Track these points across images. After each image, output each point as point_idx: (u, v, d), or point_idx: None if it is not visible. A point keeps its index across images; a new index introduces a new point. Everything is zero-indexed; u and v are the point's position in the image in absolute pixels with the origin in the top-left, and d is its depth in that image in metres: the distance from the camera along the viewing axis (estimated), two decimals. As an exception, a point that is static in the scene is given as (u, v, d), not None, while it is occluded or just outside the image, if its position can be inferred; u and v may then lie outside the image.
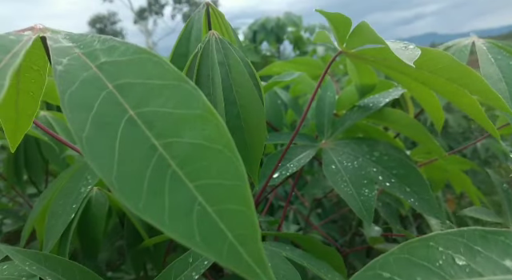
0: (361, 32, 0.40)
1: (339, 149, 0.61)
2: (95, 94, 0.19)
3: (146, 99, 0.19)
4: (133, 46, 0.21)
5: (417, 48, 0.36)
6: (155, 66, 0.20)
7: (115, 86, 0.19)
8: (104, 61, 0.20)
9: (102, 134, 0.17)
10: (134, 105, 0.19)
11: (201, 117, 0.18)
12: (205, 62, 0.39)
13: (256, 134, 0.40)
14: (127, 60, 0.20)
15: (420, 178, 0.55)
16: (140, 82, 0.19)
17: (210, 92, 0.39)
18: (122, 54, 0.21)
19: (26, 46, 0.20)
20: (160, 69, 0.20)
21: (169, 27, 25.40)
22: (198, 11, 0.43)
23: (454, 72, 0.38)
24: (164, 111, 0.18)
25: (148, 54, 0.20)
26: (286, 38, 2.63)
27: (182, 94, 0.19)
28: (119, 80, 0.19)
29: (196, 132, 0.18)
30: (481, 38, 0.68)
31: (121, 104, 0.18)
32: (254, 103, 0.39)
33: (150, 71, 0.20)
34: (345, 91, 0.68)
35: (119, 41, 0.21)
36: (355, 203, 0.49)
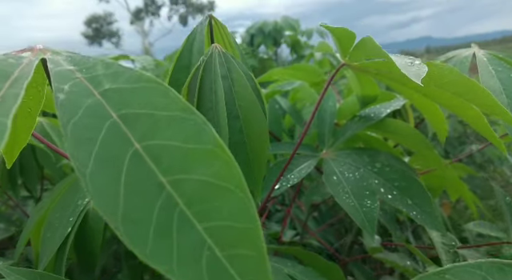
0: (365, 46, 0.40)
1: (340, 159, 0.60)
2: (99, 124, 0.18)
3: (152, 131, 0.18)
4: (137, 72, 0.20)
5: (423, 64, 0.36)
6: (161, 95, 0.19)
7: (120, 115, 0.18)
8: (108, 87, 0.19)
9: (106, 170, 0.16)
10: (139, 137, 0.18)
11: (210, 152, 0.17)
12: (207, 75, 0.39)
13: (259, 148, 0.39)
14: (132, 88, 0.19)
15: (422, 191, 0.54)
16: (145, 113, 0.18)
17: (213, 106, 0.38)
18: (126, 81, 0.20)
19: (27, 73, 0.19)
20: (166, 99, 0.19)
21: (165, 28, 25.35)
22: (201, 23, 0.42)
23: (461, 86, 0.38)
24: (171, 145, 0.17)
25: (154, 82, 0.20)
26: (284, 41, 2.63)
27: (191, 126, 0.18)
28: (124, 109, 0.19)
29: (205, 169, 0.17)
30: (476, 43, 0.68)
31: (126, 136, 0.18)
32: (256, 117, 0.39)
33: (155, 101, 0.19)
34: (346, 101, 0.67)
35: (124, 66, 0.21)
36: (357, 215, 0.49)
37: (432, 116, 0.52)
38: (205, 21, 0.42)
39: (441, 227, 0.51)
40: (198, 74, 0.39)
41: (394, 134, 0.63)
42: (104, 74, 0.20)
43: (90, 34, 24.30)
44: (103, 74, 0.20)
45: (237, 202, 0.16)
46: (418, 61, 0.37)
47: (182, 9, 24.10)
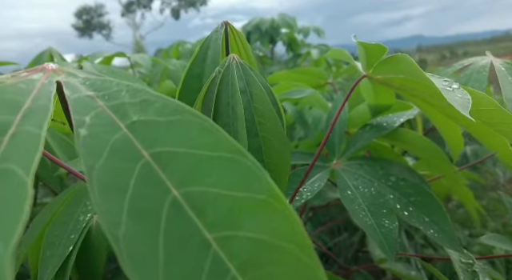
0: (396, 62, 0.37)
1: (352, 171, 0.58)
2: (129, 168, 0.15)
3: (192, 175, 0.15)
4: (172, 102, 0.17)
5: (461, 89, 0.33)
6: (202, 131, 0.16)
7: (152, 154, 0.16)
8: (136, 119, 0.17)
9: (142, 228, 0.13)
10: (177, 182, 0.15)
11: (265, 204, 0.15)
12: (224, 89, 0.36)
13: (279, 168, 0.36)
14: (166, 121, 0.16)
15: (438, 207, 0.52)
16: (184, 152, 0.16)
17: (230, 123, 0.35)
18: (158, 112, 0.17)
19: (45, 106, 0.16)
20: (209, 136, 0.16)
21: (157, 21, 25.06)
22: (216, 31, 0.39)
23: (496, 117, 0.35)
24: (216, 193, 0.15)
25: (192, 114, 0.17)
26: (280, 39, 2.60)
27: (239, 170, 0.15)
28: (157, 147, 0.16)
29: (259, 224, 0.14)
30: (467, 42, 0.66)
31: (161, 181, 0.15)
32: (277, 135, 0.36)
33: (195, 138, 0.16)
34: (356, 109, 0.65)
35: (153, 94, 0.18)
36: (376, 236, 0.47)
37: (450, 136, 0.50)
38: (220, 28, 0.39)
39: (459, 247, 0.49)
40: (214, 86, 0.36)
41: (409, 145, 0.61)
42: (130, 102, 0.17)
43: (80, 25, 23.92)
44: (129, 103, 0.17)
45: (300, 267, 0.14)
46: (456, 85, 0.34)
47: (174, 2, 23.85)
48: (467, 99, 0.33)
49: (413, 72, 0.36)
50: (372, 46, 0.40)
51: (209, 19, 20.46)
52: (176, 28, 23.63)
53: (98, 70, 0.90)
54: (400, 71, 0.39)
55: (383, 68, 0.41)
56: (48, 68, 0.19)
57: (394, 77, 0.41)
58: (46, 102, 0.16)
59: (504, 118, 0.36)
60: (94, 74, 0.20)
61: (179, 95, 0.41)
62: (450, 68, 0.64)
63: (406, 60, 0.36)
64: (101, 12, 24.20)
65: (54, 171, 0.63)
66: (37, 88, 0.17)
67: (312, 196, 0.52)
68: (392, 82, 0.43)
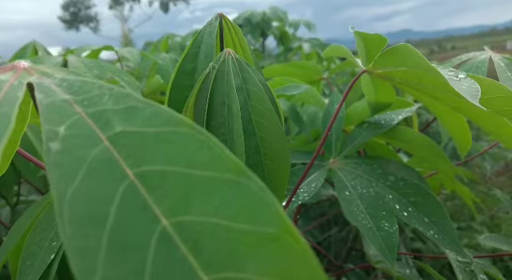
0: (397, 53, 0.35)
1: (350, 170, 0.56)
2: (109, 192, 0.12)
3: (186, 201, 0.12)
4: (164, 110, 0.15)
5: (468, 78, 0.31)
6: (200, 147, 0.14)
7: (138, 174, 0.13)
8: (120, 130, 0.14)
9: (123, 272, 0.11)
10: (169, 209, 0.12)
11: (275, 239, 0.12)
12: (219, 86, 0.33)
13: (278, 169, 0.34)
14: (156, 133, 0.14)
15: (439, 207, 0.51)
16: (177, 172, 0.13)
17: (226, 121, 0.33)
18: (146, 122, 0.14)
19: (8, 113, 0.13)
20: (208, 153, 0.14)
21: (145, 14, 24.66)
22: (210, 24, 0.36)
23: (506, 104, 0.33)
24: (216, 224, 0.12)
25: (188, 126, 0.14)
26: (271, 33, 2.57)
27: (244, 196, 0.13)
28: (144, 165, 0.13)
29: (267, 265, 0.12)
30: (456, 37, 0.64)
31: (148, 207, 0.12)
32: (275, 135, 0.34)
33: (191, 155, 0.13)
34: (354, 106, 0.63)
35: (142, 100, 0.15)
36: (375, 239, 0.45)
37: (457, 131, 0.48)
38: (215, 21, 0.36)
39: (460, 248, 0.47)
40: (207, 83, 0.33)
41: (407, 144, 0.59)
42: (114, 109, 0.15)
43: (67, 18, 23.43)
44: (113, 110, 0.15)
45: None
46: (463, 74, 0.32)
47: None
48: (476, 88, 0.31)
49: (416, 63, 0.34)
50: (372, 36, 0.37)
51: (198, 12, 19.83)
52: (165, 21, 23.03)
53: (85, 63, 0.86)
54: (402, 63, 0.37)
55: (384, 61, 0.39)
56: (19, 67, 0.16)
57: (395, 70, 0.39)
58: (8, 110, 0.13)
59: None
60: (74, 74, 0.17)
61: (170, 93, 0.38)
62: (448, 63, 0.62)
63: (408, 50, 0.34)
64: (88, 4, 23.71)
65: (36, 172, 0.59)
66: (3, 91, 0.15)
67: (309, 197, 0.50)
68: (393, 76, 0.41)
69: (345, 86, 1.66)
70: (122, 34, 14.54)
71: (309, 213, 1.38)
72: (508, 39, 17.85)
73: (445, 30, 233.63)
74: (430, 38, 76.33)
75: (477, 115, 0.38)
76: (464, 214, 2.30)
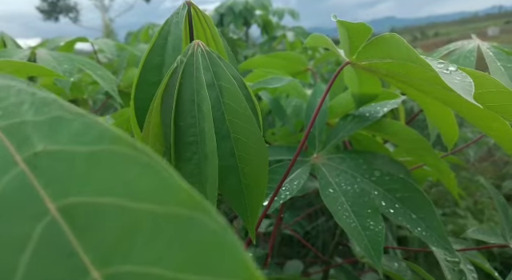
0: (383, 44, 0.33)
1: (334, 165, 0.53)
2: (23, 234, 0.09)
3: (124, 245, 0.10)
4: (97, 123, 0.11)
5: (459, 71, 0.29)
6: (143, 172, 0.11)
7: (63, 209, 0.10)
8: (41, 150, 0.11)
9: None
10: (100, 256, 0.09)
11: None
12: (188, 82, 0.30)
13: (256, 173, 0.31)
14: (87, 153, 0.11)
15: (426, 202, 0.49)
16: (113, 205, 0.10)
17: (196, 122, 0.30)
18: (74, 139, 0.11)
19: None
20: (153, 180, 0.11)
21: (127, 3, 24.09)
22: (177, 13, 0.33)
23: (498, 99, 0.31)
24: (160, 276, 0.09)
25: (128, 145, 0.11)
26: (254, 21, 2.52)
27: (199, 238, 0.10)
28: (71, 196, 0.10)
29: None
30: (438, 24, 0.62)
31: (75, 254, 0.09)
32: (252, 135, 0.31)
33: (132, 183, 0.10)
34: (338, 98, 0.60)
35: (69, 109, 0.12)
36: (360, 239, 0.43)
37: (444, 124, 0.46)
38: (182, 10, 0.33)
39: (448, 246, 0.46)
40: (175, 79, 0.30)
41: (392, 136, 0.57)
42: (35, 122, 0.11)
43: (45, 8, 22.73)
44: (33, 123, 0.11)
45: None
46: (453, 67, 0.30)
47: (144, -17, 22.90)
48: (469, 82, 0.29)
49: (404, 55, 0.31)
50: (355, 25, 0.35)
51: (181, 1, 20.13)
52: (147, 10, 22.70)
53: (54, 57, 0.82)
54: (388, 55, 0.34)
55: (369, 52, 0.36)
56: None
57: (380, 62, 0.37)
58: None
59: (508, 99, 0.32)
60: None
61: (135, 90, 0.34)
62: (436, 53, 0.60)
63: (395, 41, 0.31)
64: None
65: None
66: None
67: (291, 196, 0.47)
68: (378, 68, 0.38)
69: (330, 74, 1.64)
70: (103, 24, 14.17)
71: (296, 203, 1.37)
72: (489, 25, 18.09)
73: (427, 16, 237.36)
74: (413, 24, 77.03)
75: (466, 109, 0.36)
76: (448, 200, 2.33)
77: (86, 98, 1.28)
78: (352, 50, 0.37)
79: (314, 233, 1.47)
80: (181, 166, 0.30)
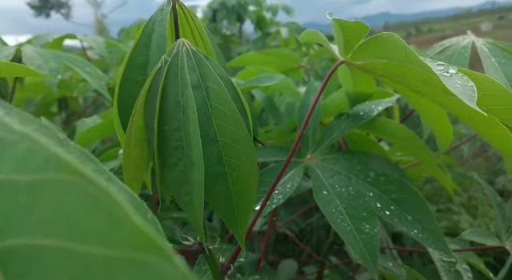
0: (380, 44, 0.31)
1: (328, 166, 0.52)
2: None
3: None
4: (41, 146, 0.10)
5: (460, 74, 0.28)
6: (92, 207, 0.09)
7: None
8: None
9: None
10: None
11: None
12: (172, 83, 0.28)
13: (245, 180, 0.30)
14: (29, 183, 0.09)
15: (422, 204, 0.48)
16: (56, 248, 0.08)
17: (181, 126, 0.28)
18: (18, 165, 0.09)
19: None
20: (103, 217, 0.09)
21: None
22: (161, 10, 0.31)
23: (499, 103, 0.30)
24: None
25: (74, 173, 0.09)
26: (248, 17, 2.50)
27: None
28: (9, 237, 0.09)
29: None
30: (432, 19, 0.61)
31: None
32: (241, 139, 0.29)
33: (79, 221, 0.09)
34: (332, 96, 0.59)
35: (12, 128, 0.10)
36: (355, 244, 0.41)
37: (438, 125, 0.45)
38: (167, 6, 0.31)
39: (445, 248, 0.45)
40: (158, 80, 0.29)
41: (387, 135, 0.56)
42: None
43: (36, 3, 22.42)
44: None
45: None
46: (453, 69, 0.28)
47: (137, -22, 22.64)
48: (471, 87, 0.27)
49: (402, 56, 0.30)
50: (351, 24, 0.33)
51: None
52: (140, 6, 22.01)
53: (41, 54, 0.79)
54: (385, 55, 0.33)
55: (364, 52, 0.35)
56: None
57: (376, 62, 0.35)
58: None
59: (509, 103, 0.31)
60: None
61: (119, 90, 0.33)
62: (430, 50, 0.59)
63: (393, 41, 0.30)
64: (58, -11, 22.67)
65: None
66: None
67: (284, 199, 0.46)
68: (374, 68, 0.37)
69: (324, 71, 1.62)
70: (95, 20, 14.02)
71: (291, 201, 1.36)
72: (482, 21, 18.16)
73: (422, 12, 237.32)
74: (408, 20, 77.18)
75: (464, 112, 0.35)
76: (442, 196, 2.33)
77: (75, 95, 1.25)
78: (347, 48, 0.35)
79: (308, 230, 1.46)
80: (165, 173, 0.28)
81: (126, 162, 0.30)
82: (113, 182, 0.16)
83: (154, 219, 0.17)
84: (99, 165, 0.16)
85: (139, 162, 0.30)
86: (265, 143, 0.75)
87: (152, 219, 0.16)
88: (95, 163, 0.15)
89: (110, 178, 0.16)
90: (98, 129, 0.56)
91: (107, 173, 0.16)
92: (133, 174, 0.30)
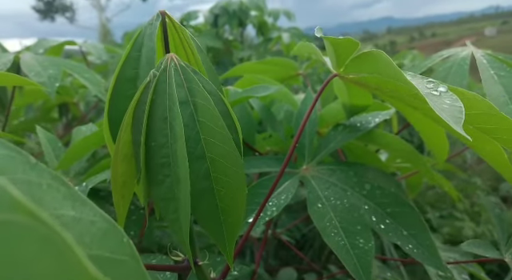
0: (371, 60, 0.31)
1: (324, 178, 0.51)
2: None
3: None
4: None
5: (450, 93, 0.27)
6: (43, 250, 0.09)
7: None
8: None
9: None
10: None
11: None
12: (160, 99, 0.28)
13: (233, 196, 0.29)
14: None
15: (417, 218, 0.47)
16: None
17: (168, 142, 0.28)
18: None
19: None
20: (55, 260, 0.08)
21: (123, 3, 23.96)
22: (150, 24, 0.31)
23: (490, 122, 0.29)
24: None
25: (27, 213, 0.09)
26: (250, 22, 2.50)
27: None
28: None
29: None
30: (436, 24, 0.61)
31: None
32: (228, 156, 0.29)
33: (31, 265, 0.08)
34: (328, 107, 0.58)
35: None
36: (349, 259, 0.41)
37: (434, 141, 0.44)
38: (156, 20, 0.31)
39: (440, 264, 0.44)
40: (146, 95, 0.28)
41: (384, 146, 0.55)
42: None
43: (41, 7, 22.60)
44: None
45: None
46: (443, 87, 0.28)
47: (141, -18, 22.79)
48: (458, 107, 0.27)
49: (390, 73, 0.29)
50: (341, 41, 0.33)
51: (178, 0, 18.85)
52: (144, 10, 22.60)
53: (39, 61, 0.79)
54: (375, 71, 0.32)
55: (356, 66, 0.35)
56: None
57: (369, 76, 0.35)
58: None
59: (500, 123, 0.30)
60: None
61: (109, 104, 0.32)
62: (429, 60, 0.58)
63: (381, 58, 0.29)
64: (63, -7, 22.84)
65: None
66: None
67: (278, 212, 0.45)
68: (367, 82, 0.36)
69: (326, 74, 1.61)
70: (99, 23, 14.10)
71: (292, 206, 1.35)
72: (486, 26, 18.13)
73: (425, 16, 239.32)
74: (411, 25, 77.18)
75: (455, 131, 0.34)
76: (445, 202, 2.31)
77: (76, 101, 1.26)
78: (339, 63, 0.35)
79: (311, 235, 1.45)
80: (152, 190, 0.28)
81: (114, 177, 0.30)
82: (84, 206, 0.15)
83: (129, 243, 0.16)
84: (71, 189, 0.15)
85: (126, 177, 0.29)
86: (263, 150, 0.75)
87: (127, 243, 0.16)
88: (66, 187, 0.15)
89: (83, 202, 0.16)
90: (93, 138, 0.55)
91: (81, 198, 0.16)
92: (120, 190, 0.29)
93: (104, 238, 0.15)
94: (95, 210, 0.15)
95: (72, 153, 0.55)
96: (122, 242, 0.15)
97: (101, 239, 0.15)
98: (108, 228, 0.15)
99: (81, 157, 0.59)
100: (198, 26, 2.43)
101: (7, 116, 0.82)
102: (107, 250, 0.15)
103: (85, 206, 0.15)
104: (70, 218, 0.14)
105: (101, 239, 0.15)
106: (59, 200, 0.14)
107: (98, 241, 0.15)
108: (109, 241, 0.15)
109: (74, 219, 0.14)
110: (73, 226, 0.14)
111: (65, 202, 0.14)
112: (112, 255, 0.14)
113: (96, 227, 0.15)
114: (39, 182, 0.14)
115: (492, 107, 0.28)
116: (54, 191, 0.14)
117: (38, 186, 0.14)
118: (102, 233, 0.15)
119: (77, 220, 0.14)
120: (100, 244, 0.15)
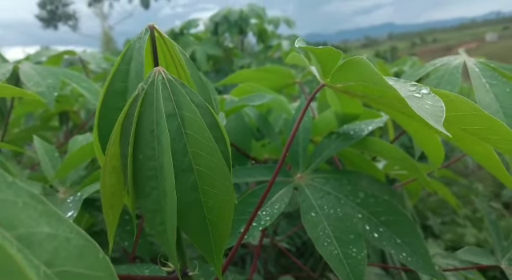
0: (354, 68, 0.31)
1: (318, 187, 0.52)
2: None
3: None
4: None
5: (432, 94, 0.27)
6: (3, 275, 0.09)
7: None
8: None
9: None
10: None
11: None
12: (148, 112, 0.28)
13: (221, 208, 0.29)
14: None
15: (411, 227, 0.47)
16: None
17: (155, 155, 0.28)
18: None
19: None
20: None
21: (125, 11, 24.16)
22: (139, 38, 0.31)
23: (476, 123, 0.30)
24: None
25: None
26: (250, 30, 2.52)
27: None
28: None
29: None
30: (437, 30, 0.61)
31: None
32: (216, 168, 0.29)
33: None
34: (322, 116, 0.59)
35: None
36: (341, 269, 0.41)
37: (429, 146, 0.44)
38: (144, 34, 0.31)
39: (434, 272, 0.44)
40: (134, 108, 0.29)
41: (380, 154, 0.55)
42: None
43: (44, 16, 22.82)
44: None
45: None
46: (426, 89, 0.28)
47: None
48: (440, 107, 0.27)
49: (373, 79, 0.29)
50: (322, 51, 0.33)
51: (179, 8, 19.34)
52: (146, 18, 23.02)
53: (38, 71, 0.80)
54: (360, 78, 0.33)
55: (342, 75, 0.35)
56: None
57: (355, 84, 0.35)
58: None
59: (486, 124, 0.30)
60: None
61: (98, 117, 0.33)
62: (422, 69, 0.59)
63: (364, 65, 0.30)
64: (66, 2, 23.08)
65: None
66: None
67: (271, 221, 0.45)
68: (355, 91, 0.37)
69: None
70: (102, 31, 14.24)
71: (292, 213, 1.35)
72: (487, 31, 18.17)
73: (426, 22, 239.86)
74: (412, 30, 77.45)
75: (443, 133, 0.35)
76: (447, 208, 2.30)
77: (76, 109, 1.26)
78: (325, 72, 0.35)
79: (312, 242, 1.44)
80: (140, 202, 0.28)
81: (103, 188, 0.30)
82: (60, 224, 0.16)
83: (105, 259, 0.16)
84: (48, 206, 0.15)
85: (115, 189, 0.30)
86: (261, 157, 0.75)
87: (103, 259, 0.16)
88: (43, 205, 0.15)
89: (60, 219, 0.16)
90: (89, 147, 0.56)
91: (57, 215, 0.16)
92: (108, 201, 0.30)
93: (80, 255, 0.15)
94: (71, 227, 0.16)
95: (68, 162, 0.56)
96: (97, 258, 0.16)
97: (76, 256, 0.15)
98: (84, 244, 0.15)
99: (77, 166, 0.60)
100: (198, 34, 2.45)
101: (6, 125, 0.83)
102: (82, 266, 0.15)
103: (61, 223, 0.15)
104: (45, 235, 0.14)
105: (76, 256, 0.15)
106: (35, 218, 0.15)
107: (73, 257, 0.15)
108: (84, 257, 0.15)
109: (50, 236, 0.15)
110: (48, 242, 0.14)
111: (41, 219, 0.15)
112: (87, 271, 0.15)
113: (72, 244, 0.15)
114: (15, 201, 0.14)
115: (477, 108, 0.29)
116: (30, 209, 0.15)
117: (14, 204, 0.14)
118: (78, 249, 0.15)
119: (52, 237, 0.15)
120: (75, 260, 0.15)
